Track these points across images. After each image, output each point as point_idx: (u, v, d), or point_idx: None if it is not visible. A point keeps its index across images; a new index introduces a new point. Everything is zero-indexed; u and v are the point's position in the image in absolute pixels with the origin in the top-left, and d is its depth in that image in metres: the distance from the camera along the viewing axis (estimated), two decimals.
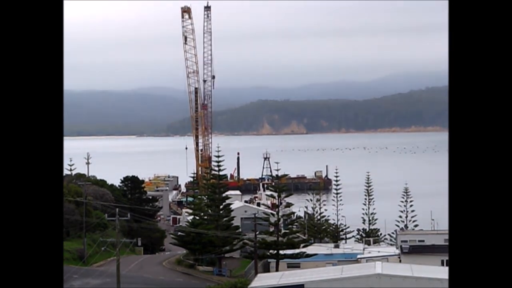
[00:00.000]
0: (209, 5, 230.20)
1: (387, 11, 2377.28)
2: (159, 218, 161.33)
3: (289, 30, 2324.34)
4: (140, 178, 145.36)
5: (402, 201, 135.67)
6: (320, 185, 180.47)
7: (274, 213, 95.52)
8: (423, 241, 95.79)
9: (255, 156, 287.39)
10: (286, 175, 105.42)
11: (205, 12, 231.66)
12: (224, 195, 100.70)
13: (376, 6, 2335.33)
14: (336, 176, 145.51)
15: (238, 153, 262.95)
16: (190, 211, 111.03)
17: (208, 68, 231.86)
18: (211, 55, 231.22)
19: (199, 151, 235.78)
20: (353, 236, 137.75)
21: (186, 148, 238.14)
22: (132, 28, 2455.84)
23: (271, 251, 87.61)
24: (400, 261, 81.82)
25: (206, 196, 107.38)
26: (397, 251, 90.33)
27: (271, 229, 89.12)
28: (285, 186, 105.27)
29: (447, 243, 52.08)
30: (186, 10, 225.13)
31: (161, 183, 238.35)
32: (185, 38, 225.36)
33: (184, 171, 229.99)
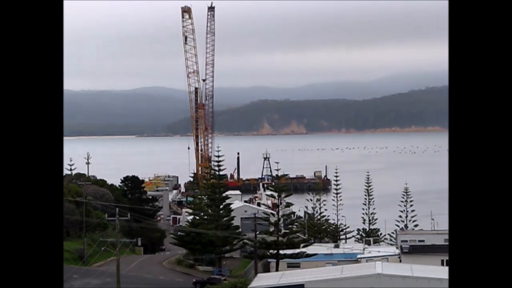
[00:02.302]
0: (213, 5, 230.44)
1: (388, 11, 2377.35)
2: (159, 218, 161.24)
3: (289, 30, 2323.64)
4: (140, 178, 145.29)
5: (402, 201, 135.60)
6: (320, 185, 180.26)
7: (274, 213, 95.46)
8: (423, 241, 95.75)
9: (255, 156, 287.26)
10: (286, 175, 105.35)
11: (209, 13, 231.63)
12: (224, 195, 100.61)
13: (377, 6, 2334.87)
14: (336, 176, 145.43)
15: (238, 153, 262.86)
16: (190, 211, 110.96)
17: (210, 68, 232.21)
18: (213, 55, 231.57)
19: (199, 151, 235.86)
20: (353, 236, 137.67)
21: (189, 148, 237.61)
22: (132, 28, 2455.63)
23: (271, 251, 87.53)
24: (400, 261, 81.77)
25: (206, 196, 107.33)
26: (397, 251, 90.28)
27: (271, 229, 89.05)
28: (285, 186, 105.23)
29: (447, 243, 52.12)
30: (186, 10, 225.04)
31: (161, 183, 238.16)
32: (185, 38, 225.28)
33: (185, 171, 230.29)
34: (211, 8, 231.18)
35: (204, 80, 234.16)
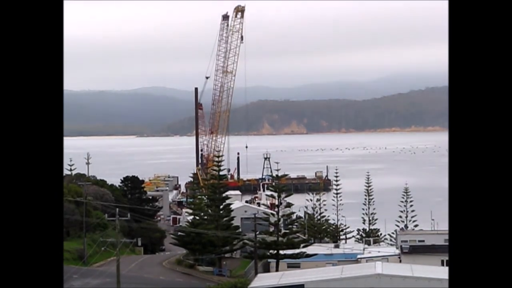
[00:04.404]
0: (228, 14, 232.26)
1: (388, 12, 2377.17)
2: (159, 218, 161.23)
3: (288, 29, 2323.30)
4: (140, 178, 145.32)
5: (402, 201, 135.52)
6: (320, 186, 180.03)
7: (274, 213, 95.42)
8: (423, 241, 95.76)
9: (255, 156, 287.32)
10: (286, 175, 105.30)
11: (223, 21, 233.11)
12: (224, 195, 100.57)
13: (377, 7, 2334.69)
14: (336, 177, 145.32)
15: (238, 153, 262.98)
16: (190, 211, 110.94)
17: (220, 74, 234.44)
18: (224, 62, 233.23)
19: (202, 151, 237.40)
20: (353, 236, 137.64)
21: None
22: (132, 28, 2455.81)
23: (271, 251, 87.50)
24: (400, 261, 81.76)
25: (206, 196, 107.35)
26: (397, 251, 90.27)
27: (271, 229, 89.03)
28: (285, 186, 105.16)
29: (447, 243, 52.16)
30: (240, 10, 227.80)
31: (161, 183, 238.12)
32: (242, 37, 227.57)
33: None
34: (226, 17, 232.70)
35: (207, 78, 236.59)
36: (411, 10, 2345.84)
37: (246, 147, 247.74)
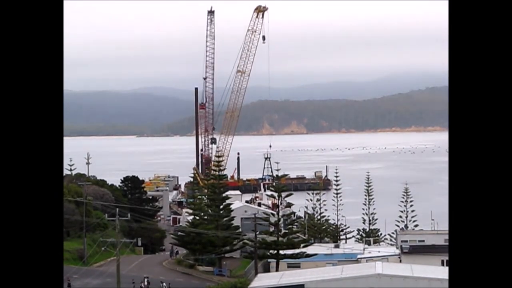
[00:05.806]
0: (212, 9, 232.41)
1: (388, 12, 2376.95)
2: (159, 218, 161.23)
3: (288, 30, 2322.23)
4: (140, 178, 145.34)
5: (402, 201, 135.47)
6: (320, 186, 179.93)
7: (274, 213, 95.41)
8: (423, 241, 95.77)
9: (255, 156, 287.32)
10: (286, 175, 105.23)
11: (209, 16, 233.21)
12: (224, 195, 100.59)
13: (377, 7, 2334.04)
14: (336, 176, 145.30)
15: (238, 153, 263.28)
16: (190, 211, 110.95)
17: (210, 71, 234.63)
18: (213, 58, 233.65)
19: (203, 150, 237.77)
20: (353, 236, 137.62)
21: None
22: (132, 28, 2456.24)
23: (271, 251, 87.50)
24: (400, 261, 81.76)
25: (206, 196, 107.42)
26: (397, 251, 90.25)
27: (271, 229, 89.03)
28: (285, 186, 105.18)
29: (447, 243, 52.13)
30: (261, 10, 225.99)
31: (161, 183, 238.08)
32: (263, 37, 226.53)
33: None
34: (211, 12, 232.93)
35: (204, 79, 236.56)
36: (412, 10, 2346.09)
37: (270, 146, 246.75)
